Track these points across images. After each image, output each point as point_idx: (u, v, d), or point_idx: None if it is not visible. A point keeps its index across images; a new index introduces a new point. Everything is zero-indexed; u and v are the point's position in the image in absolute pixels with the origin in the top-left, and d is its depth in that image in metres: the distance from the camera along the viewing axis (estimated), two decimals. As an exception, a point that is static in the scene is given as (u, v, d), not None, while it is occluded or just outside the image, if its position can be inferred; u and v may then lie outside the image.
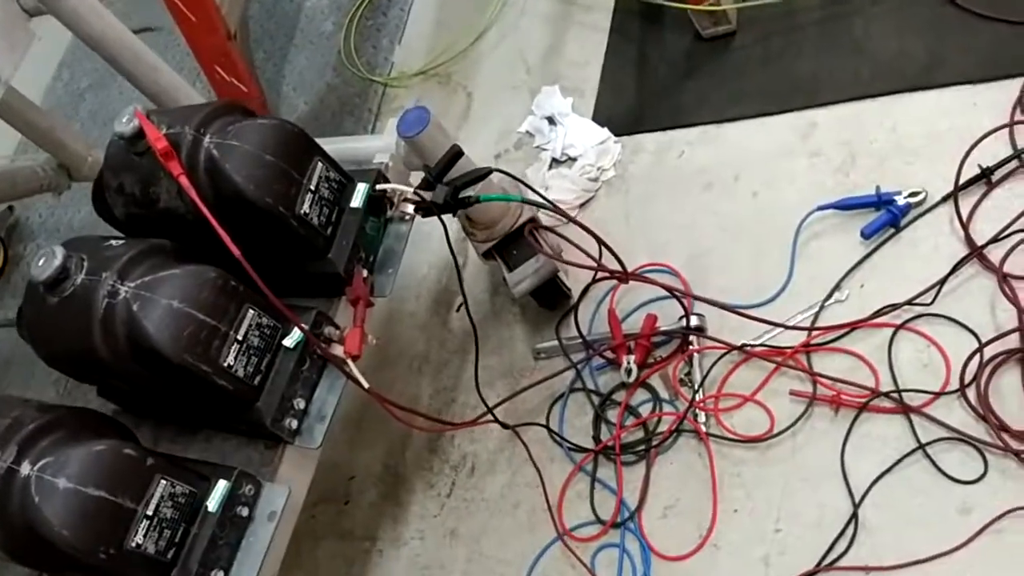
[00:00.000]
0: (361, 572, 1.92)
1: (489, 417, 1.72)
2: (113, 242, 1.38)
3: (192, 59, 2.25)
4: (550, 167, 2.15)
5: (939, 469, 1.49)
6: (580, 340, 1.82)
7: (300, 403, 1.42)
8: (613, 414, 1.79)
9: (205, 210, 1.30)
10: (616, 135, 2.11)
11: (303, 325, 1.38)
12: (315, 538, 1.99)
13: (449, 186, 1.49)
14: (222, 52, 2.24)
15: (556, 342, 1.87)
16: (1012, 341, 1.52)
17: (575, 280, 1.88)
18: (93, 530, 1.18)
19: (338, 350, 1.44)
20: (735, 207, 1.89)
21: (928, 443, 1.51)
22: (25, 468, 1.19)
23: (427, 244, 2.13)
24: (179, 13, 2.16)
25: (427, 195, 1.50)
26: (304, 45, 2.77)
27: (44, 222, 2.85)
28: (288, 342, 1.40)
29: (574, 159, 2.12)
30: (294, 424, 1.41)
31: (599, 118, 2.16)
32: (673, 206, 1.97)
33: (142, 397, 1.52)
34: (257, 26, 2.68)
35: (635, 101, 2.16)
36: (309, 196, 1.43)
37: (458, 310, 2.11)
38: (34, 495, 1.16)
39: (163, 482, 1.26)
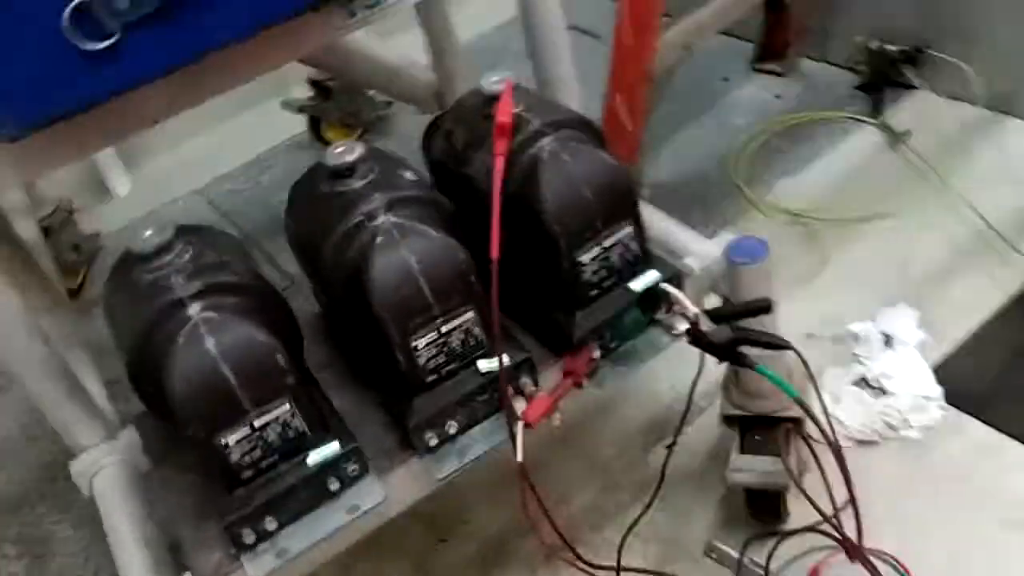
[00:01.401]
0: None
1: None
2: (409, 175, 1.33)
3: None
4: (854, 383, 1.85)
5: None
6: (762, 572, 1.53)
7: (452, 428, 1.28)
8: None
9: (496, 200, 1.20)
10: (947, 402, 1.77)
11: (504, 358, 1.24)
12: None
13: (736, 332, 1.28)
14: (633, 83, 2.20)
15: (736, 554, 1.59)
16: None
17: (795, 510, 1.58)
18: (201, 402, 1.12)
19: (520, 405, 1.28)
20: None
21: None
22: (194, 308, 1.15)
23: (683, 366, 1.93)
24: (621, 30, 2.15)
25: (708, 327, 1.30)
26: (703, 124, 2.69)
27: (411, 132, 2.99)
28: (483, 365, 1.27)
29: (884, 392, 1.81)
30: (434, 441, 1.28)
31: (940, 375, 1.82)
32: (957, 518, 1.60)
33: (334, 317, 1.47)
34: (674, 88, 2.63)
35: (993, 385, 1.80)
36: (597, 250, 1.29)
37: (667, 448, 1.88)
38: (182, 340, 1.11)
39: (286, 406, 1.17)
